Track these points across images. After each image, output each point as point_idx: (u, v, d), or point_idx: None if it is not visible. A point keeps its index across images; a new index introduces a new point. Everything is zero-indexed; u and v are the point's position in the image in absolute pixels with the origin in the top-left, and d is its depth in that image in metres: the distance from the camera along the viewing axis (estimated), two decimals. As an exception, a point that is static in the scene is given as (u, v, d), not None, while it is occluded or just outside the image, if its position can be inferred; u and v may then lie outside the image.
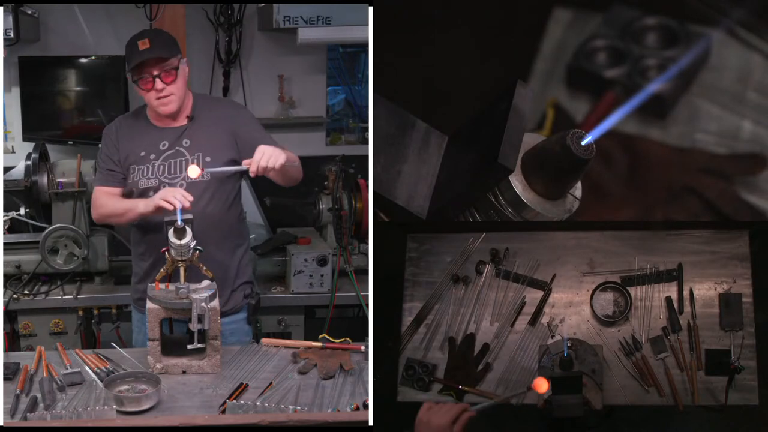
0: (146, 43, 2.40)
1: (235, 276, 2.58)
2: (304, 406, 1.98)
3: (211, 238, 2.43)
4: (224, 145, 2.49)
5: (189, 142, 2.50)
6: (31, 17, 3.63)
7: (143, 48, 2.40)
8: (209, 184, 2.46)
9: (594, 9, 2.73)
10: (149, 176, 2.49)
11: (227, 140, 2.50)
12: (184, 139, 2.50)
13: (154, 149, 2.51)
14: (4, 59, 3.41)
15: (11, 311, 3.21)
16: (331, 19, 3.53)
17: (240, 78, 3.95)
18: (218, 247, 2.50)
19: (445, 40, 2.68)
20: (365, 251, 3.47)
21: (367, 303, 3.29)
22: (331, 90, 4.14)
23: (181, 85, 2.48)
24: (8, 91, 3.72)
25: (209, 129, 2.52)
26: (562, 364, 1.98)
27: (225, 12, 3.85)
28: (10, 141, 3.83)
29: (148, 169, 2.49)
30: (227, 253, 2.55)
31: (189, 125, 2.52)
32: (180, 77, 2.47)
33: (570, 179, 1.50)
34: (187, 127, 2.52)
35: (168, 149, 2.50)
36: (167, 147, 2.50)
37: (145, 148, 2.51)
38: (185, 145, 2.50)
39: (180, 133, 2.51)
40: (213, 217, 2.47)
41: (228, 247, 2.56)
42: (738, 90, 2.59)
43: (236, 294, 2.59)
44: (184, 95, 2.51)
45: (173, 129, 2.52)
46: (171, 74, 2.44)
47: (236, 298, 2.59)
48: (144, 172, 2.50)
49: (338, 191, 3.43)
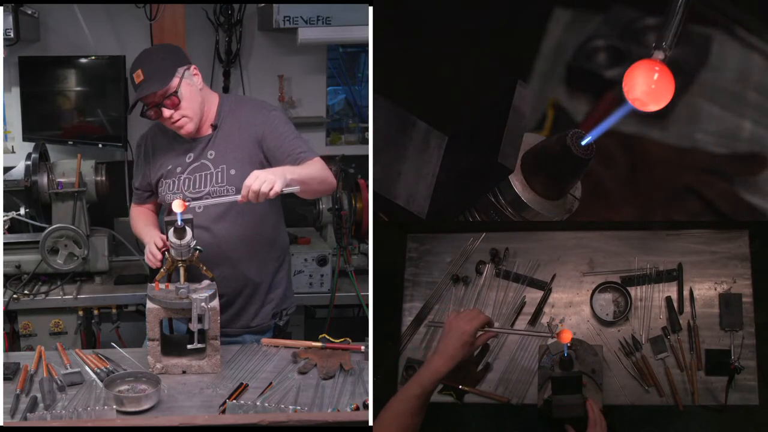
0: (140, 75, 2.30)
1: (266, 293, 2.48)
2: (304, 406, 1.98)
3: (241, 254, 2.38)
4: (249, 156, 2.35)
5: (214, 154, 2.38)
6: (31, 17, 3.62)
7: (138, 81, 2.30)
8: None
9: (594, 9, 2.73)
10: (175, 191, 2.40)
11: (253, 150, 2.36)
12: (209, 150, 2.39)
13: (181, 162, 2.40)
14: (4, 59, 3.40)
15: (11, 311, 3.21)
16: (331, 19, 3.53)
17: (240, 78, 3.95)
18: (248, 263, 2.41)
19: (445, 40, 2.67)
20: (365, 251, 3.48)
21: (367, 303, 3.29)
22: (331, 90, 4.14)
23: (190, 104, 2.34)
24: (8, 91, 3.72)
25: (233, 138, 2.38)
26: (562, 364, 1.98)
27: (225, 12, 3.85)
28: (10, 141, 3.83)
29: (174, 183, 2.40)
30: (257, 269, 2.44)
31: (214, 135, 2.40)
32: (185, 97, 2.33)
33: (570, 179, 1.50)
34: (212, 136, 2.40)
35: (193, 161, 2.40)
36: (193, 159, 2.40)
37: (172, 160, 2.42)
38: (210, 157, 2.38)
39: (205, 143, 2.39)
40: (241, 233, 2.38)
41: (259, 262, 2.45)
42: (738, 90, 2.59)
43: (264, 311, 2.49)
44: (200, 110, 2.37)
45: (199, 140, 2.41)
46: (172, 100, 2.31)
47: (263, 315, 2.49)
48: (170, 186, 2.41)
49: (338, 191, 3.43)
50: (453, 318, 1.88)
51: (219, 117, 2.41)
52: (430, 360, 1.84)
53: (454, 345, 1.82)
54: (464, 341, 1.82)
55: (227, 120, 2.41)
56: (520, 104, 1.51)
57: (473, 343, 1.84)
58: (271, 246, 2.49)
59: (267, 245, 2.47)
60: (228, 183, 2.34)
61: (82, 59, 3.70)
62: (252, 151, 2.36)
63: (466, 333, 1.82)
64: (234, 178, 2.33)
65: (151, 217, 2.57)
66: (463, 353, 1.83)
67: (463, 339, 1.82)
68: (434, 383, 1.79)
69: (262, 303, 2.47)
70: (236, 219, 2.37)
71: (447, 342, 1.83)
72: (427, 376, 1.79)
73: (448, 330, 1.85)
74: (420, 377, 1.79)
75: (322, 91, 4.12)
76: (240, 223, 2.38)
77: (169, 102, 2.31)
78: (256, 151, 2.36)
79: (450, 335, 1.84)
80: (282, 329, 2.55)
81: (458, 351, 1.82)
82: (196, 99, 2.36)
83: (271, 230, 2.47)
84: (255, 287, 2.45)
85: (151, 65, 2.32)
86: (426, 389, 1.78)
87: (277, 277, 2.51)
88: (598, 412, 1.95)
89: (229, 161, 2.36)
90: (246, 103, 2.54)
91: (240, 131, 2.38)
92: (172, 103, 2.32)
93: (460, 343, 1.82)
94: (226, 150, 2.37)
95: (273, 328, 2.53)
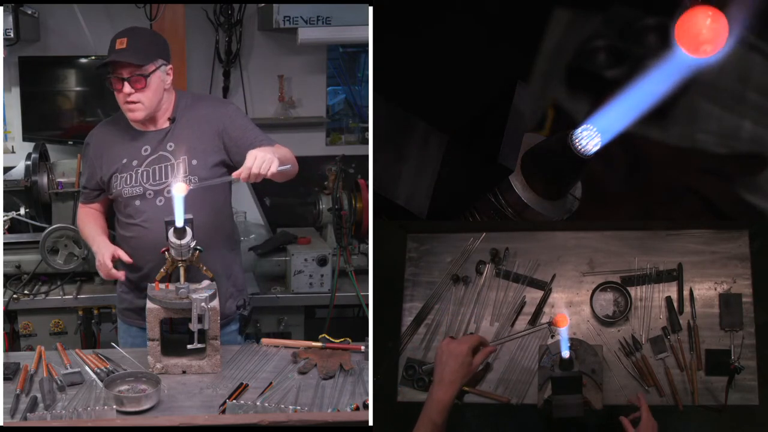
0: (123, 42, 2.31)
1: (226, 285, 2.49)
2: (304, 406, 1.98)
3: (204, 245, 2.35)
4: (211, 147, 2.39)
5: (173, 146, 2.40)
6: (31, 17, 3.63)
7: (119, 47, 2.31)
8: (198, 190, 2.32)
9: (594, 9, 2.73)
10: (133, 184, 2.40)
11: (214, 141, 2.40)
12: (168, 142, 2.40)
13: (136, 155, 2.41)
14: (4, 59, 3.41)
15: (11, 311, 3.21)
16: (331, 19, 3.53)
17: (240, 78, 3.95)
18: (210, 255, 2.38)
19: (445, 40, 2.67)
20: (365, 251, 3.48)
21: (367, 303, 3.29)
22: (331, 90, 4.14)
23: (152, 94, 2.35)
24: (8, 91, 3.72)
25: (194, 130, 2.41)
26: (562, 364, 1.98)
27: (225, 12, 3.85)
28: (10, 141, 3.83)
29: (131, 177, 2.40)
30: (217, 261, 2.43)
31: (172, 127, 2.42)
32: (151, 86, 2.34)
33: (570, 179, 1.51)
34: (169, 129, 2.42)
35: (151, 154, 2.40)
36: (150, 152, 2.41)
37: (126, 154, 2.42)
38: (169, 148, 2.40)
39: (162, 136, 2.41)
40: (204, 224, 2.37)
41: (218, 255, 2.45)
42: (738, 90, 2.59)
43: (228, 304, 2.49)
44: (156, 105, 2.39)
45: (155, 132, 2.42)
46: (140, 81, 2.32)
47: (228, 308, 2.50)
48: (127, 180, 2.41)
49: (338, 191, 3.43)
50: (444, 343, 1.85)
51: (176, 110, 2.44)
52: (431, 393, 1.80)
53: (451, 369, 1.79)
54: (460, 362, 1.79)
55: (185, 114, 2.44)
56: (520, 104, 1.51)
57: (470, 363, 1.81)
58: (228, 237, 2.53)
59: (224, 236, 2.51)
60: (191, 173, 2.36)
61: (82, 59, 3.71)
62: (213, 142, 2.40)
63: (461, 354, 1.80)
64: (196, 168, 2.37)
65: (99, 221, 2.56)
66: (462, 375, 1.79)
67: (459, 361, 1.79)
68: (442, 414, 1.75)
69: (225, 294, 2.47)
70: (199, 211, 2.33)
71: (443, 368, 1.80)
72: (434, 409, 1.74)
73: (440, 355, 1.82)
74: (428, 413, 1.75)
75: (322, 91, 4.12)
76: (202, 215, 2.36)
77: (135, 81, 2.33)
78: (217, 142, 2.40)
79: (444, 361, 1.81)
80: (248, 319, 2.59)
81: (456, 375, 1.78)
82: (158, 94, 2.39)
83: (227, 222, 2.53)
84: (218, 278, 2.43)
85: (138, 40, 2.35)
86: (437, 424, 1.73)
87: (235, 268, 2.56)
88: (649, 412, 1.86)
89: (191, 152, 2.38)
90: (203, 98, 2.61)
91: (199, 124, 2.42)
92: (138, 83, 2.33)
93: (456, 365, 1.79)
94: (186, 141, 2.40)
95: (239, 318, 2.55)
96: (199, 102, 2.51)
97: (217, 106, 2.51)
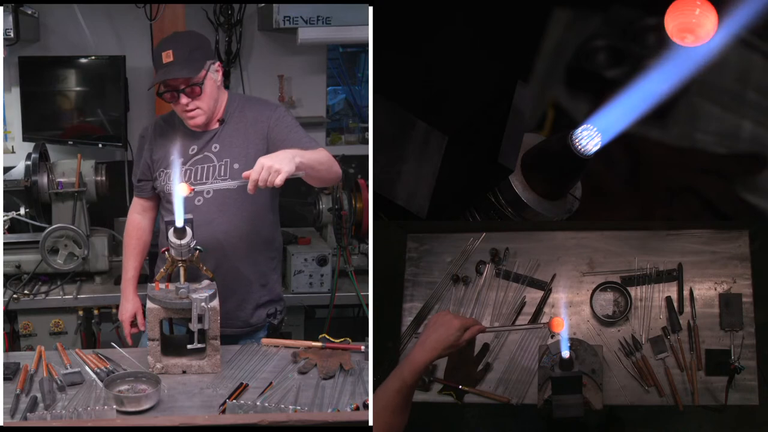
0: (170, 55, 2.29)
1: (260, 293, 2.48)
2: (304, 406, 1.98)
3: (238, 251, 2.39)
4: (255, 151, 2.35)
5: (218, 147, 2.39)
6: (31, 17, 3.63)
7: (166, 61, 2.29)
8: (236, 193, 2.34)
9: (594, 9, 2.73)
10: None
11: (258, 145, 2.37)
12: (214, 143, 2.40)
13: (184, 153, 2.40)
14: (4, 59, 3.41)
15: (11, 311, 3.21)
16: (331, 19, 3.53)
17: (240, 78, 3.96)
18: (245, 261, 2.42)
19: (445, 41, 2.67)
20: (365, 251, 3.48)
21: (367, 303, 3.29)
22: (331, 90, 4.14)
23: (208, 98, 2.36)
24: (8, 91, 3.73)
25: (240, 133, 2.40)
26: (562, 364, 1.98)
27: (225, 12, 3.85)
28: (10, 141, 3.84)
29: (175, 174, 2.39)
30: (250, 268, 2.44)
31: (220, 129, 2.41)
32: (206, 91, 2.34)
33: (570, 179, 1.51)
34: (218, 131, 2.41)
35: (197, 154, 2.40)
36: (196, 151, 2.41)
37: (175, 152, 2.38)
38: (214, 150, 2.39)
39: (210, 137, 2.41)
40: (240, 229, 2.39)
41: (252, 262, 2.45)
42: (738, 90, 2.59)
43: (259, 311, 2.49)
44: (214, 107, 2.39)
45: (204, 133, 2.42)
46: (195, 90, 2.32)
47: (259, 315, 2.50)
48: (171, 177, 2.38)
49: (338, 191, 3.43)
50: (440, 313, 1.84)
51: (227, 113, 2.43)
52: (410, 353, 1.79)
53: (436, 337, 1.76)
54: (448, 333, 1.76)
55: (234, 116, 2.43)
56: (520, 104, 1.51)
57: (459, 338, 1.78)
58: (267, 245, 2.50)
59: (263, 244, 2.48)
60: (231, 176, 2.35)
61: (82, 59, 3.71)
62: (258, 146, 2.37)
63: (453, 327, 1.77)
64: (236, 172, 2.33)
65: (143, 238, 2.59)
66: (445, 345, 1.76)
67: (448, 331, 1.76)
68: (414, 376, 1.73)
69: (256, 301, 2.47)
70: (236, 214, 2.38)
71: (429, 334, 1.78)
72: (407, 369, 1.72)
73: (432, 323, 1.81)
74: (399, 370, 1.73)
75: (322, 91, 4.13)
76: (239, 219, 2.38)
77: (190, 91, 2.32)
78: (263, 146, 2.37)
79: (433, 328, 1.79)
80: (277, 328, 2.56)
81: (439, 343, 1.76)
82: (214, 95, 2.38)
83: (268, 229, 2.49)
84: (249, 285, 2.45)
85: (183, 50, 2.32)
86: (406, 382, 1.71)
87: (272, 277, 2.53)
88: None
89: (233, 155, 2.37)
90: (253, 101, 2.58)
91: (247, 127, 2.41)
92: (193, 92, 2.32)
93: (444, 334, 1.76)
94: (232, 144, 2.39)
95: (267, 327, 2.53)
96: (248, 104, 2.49)
97: (265, 108, 2.47)
